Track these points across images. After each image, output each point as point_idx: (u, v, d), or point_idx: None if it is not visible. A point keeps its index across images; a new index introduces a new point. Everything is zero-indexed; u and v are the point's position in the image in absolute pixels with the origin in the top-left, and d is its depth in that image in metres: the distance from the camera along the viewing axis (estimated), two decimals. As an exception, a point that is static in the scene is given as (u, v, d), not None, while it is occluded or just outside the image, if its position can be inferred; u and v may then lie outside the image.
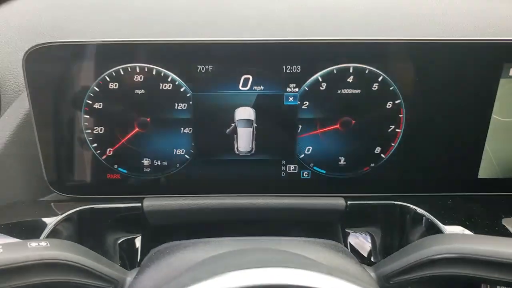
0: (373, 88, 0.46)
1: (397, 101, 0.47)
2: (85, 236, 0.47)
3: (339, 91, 0.47)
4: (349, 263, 0.39)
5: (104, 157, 0.48)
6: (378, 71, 0.46)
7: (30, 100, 0.45)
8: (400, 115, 0.47)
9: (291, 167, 0.49)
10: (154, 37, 0.44)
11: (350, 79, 0.46)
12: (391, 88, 0.46)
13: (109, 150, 0.48)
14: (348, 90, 0.46)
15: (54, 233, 0.44)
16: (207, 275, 0.27)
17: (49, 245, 0.33)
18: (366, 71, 0.46)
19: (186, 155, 0.48)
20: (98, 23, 0.52)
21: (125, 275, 0.38)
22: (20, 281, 0.31)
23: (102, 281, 0.35)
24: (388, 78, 0.46)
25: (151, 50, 0.45)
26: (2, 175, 0.47)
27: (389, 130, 0.48)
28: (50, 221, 0.44)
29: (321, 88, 0.46)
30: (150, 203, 0.48)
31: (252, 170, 0.49)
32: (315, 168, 0.49)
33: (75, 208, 0.46)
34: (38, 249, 0.33)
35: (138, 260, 0.51)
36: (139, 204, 0.48)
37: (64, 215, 0.45)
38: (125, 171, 0.49)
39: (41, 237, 0.43)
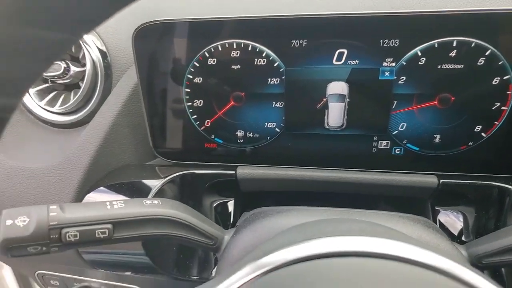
0: (478, 63, 0.43)
1: (505, 77, 0.43)
2: (185, 197, 0.52)
3: (439, 66, 0.44)
4: (440, 240, 0.39)
5: (202, 128, 0.51)
6: (486, 44, 0.42)
7: (138, 74, 0.49)
8: (508, 92, 0.44)
9: (383, 143, 0.49)
10: (250, 14, 0.45)
11: (453, 54, 0.43)
12: (499, 63, 0.43)
13: (207, 122, 0.51)
14: (450, 65, 0.44)
15: (160, 193, 0.49)
16: (302, 238, 0.28)
17: (160, 203, 0.38)
18: (472, 45, 0.43)
19: (276, 129, 0.50)
20: (199, 2, 0.54)
21: (223, 233, 0.41)
22: (136, 232, 0.36)
23: (204, 237, 0.39)
24: (498, 52, 0.42)
25: (247, 27, 0.46)
26: (114, 142, 0.53)
27: (493, 108, 0.45)
28: (156, 183, 0.49)
29: (419, 63, 0.44)
30: (243, 171, 0.51)
31: (342, 145, 0.50)
32: (408, 145, 0.48)
33: (177, 172, 0.51)
34: (152, 206, 0.37)
35: (231, 222, 0.55)
36: (233, 172, 0.51)
37: (169, 177, 0.50)
38: (221, 141, 0.52)
39: (149, 196, 0.48)
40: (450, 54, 0.43)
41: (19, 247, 0.32)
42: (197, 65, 0.48)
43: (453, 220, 0.52)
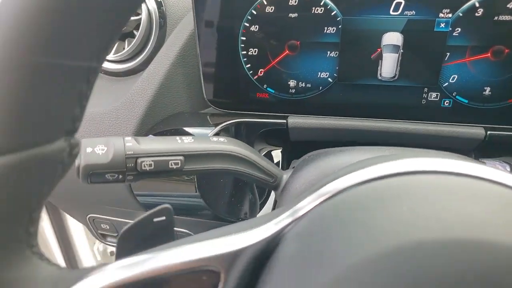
0: (535, 15, 0.44)
1: (561, 29, 0.44)
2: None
3: (495, 18, 0.45)
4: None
5: (255, 77, 0.53)
6: (545, -5, 0.43)
7: (195, 22, 0.50)
8: (562, 45, 0.45)
9: (433, 95, 0.50)
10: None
11: (510, 5, 0.44)
12: (557, 15, 0.44)
13: (260, 71, 0.52)
14: (507, 16, 0.45)
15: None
16: (364, 165, 0.26)
17: (226, 141, 0.40)
18: (531, -4, 0.44)
19: (329, 79, 0.51)
20: None
21: (281, 173, 0.43)
22: (204, 166, 0.38)
23: (264, 174, 0.41)
24: (556, 4, 0.43)
25: (308, -26, 0.47)
26: (169, 90, 0.54)
27: (546, 61, 0.46)
28: (208, 131, 0.51)
29: (476, 14, 0.45)
30: (294, 120, 0.53)
31: (393, 96, 0.51)
32: (457, 97, 0.50)
33: (229, 120, 0.53)
34: (219, 142, 0.39)
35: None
36: (284, 121, 0.53)
37: (220, 126, 0.52)
38: (273, 91, 0.53)
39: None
40: (508, 5, 0.44)
41: (98, 174, 0.34)
42: (255, 13, 0.49)
43: (499, 169, 0.53)
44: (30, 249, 0.24)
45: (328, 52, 0.50)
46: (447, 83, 0.49)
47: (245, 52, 0.52)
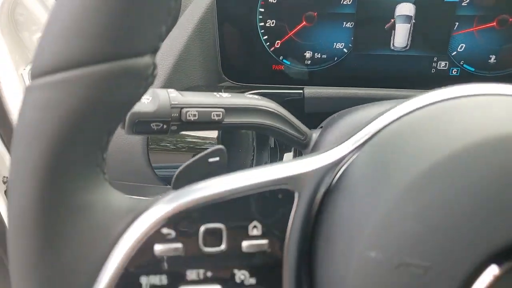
0: (537, -15, 0.48)
1: (560, -1, 0.48)
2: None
3: (501, -12, 0.48)
4: None
5: (272, 49, 0.54)
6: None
7: (213, -5, 0.51)
8: (561, 13, 0.49)
9: (442, 64, 0.53)
10: None
11: (515, -24, 0.48)
12: (557, -15, 0.47)
13: (277, 43, 0.54)
14: (511, -13, 0.48)
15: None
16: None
17: (260, 97, 0.41)
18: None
19: (344, 49, 0.53)
20: None
21: (310, 131, 0.44)
22: (243, 120, 0.39)
23: (297, 132, 0.42)
24: (556, -26, 0.47)
25: None
26: (186, 63, 0.55)
27: (547, 29, 0.49)
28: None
29: (483, -15, 0.49)
30: (311, 90, 0.54)
31: (404, 66, 0.53)
32: (465, 66, 0.53)
33: (247, 92, 0.54)
34: (255, 99, 0.40)
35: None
36: (301, 91, 0.54)
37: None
38: (288, 63, 0.55)
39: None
40: (512, -24, 0.48)
41: (143, 122, 0.34)
42: (274, -15, 0.51)
43: None
44: (103, 175, 0.24)
45: (344, 23, 0.52)
46: (455, 52, 0.52)
47: (262, 24, 0.53)
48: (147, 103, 0.34)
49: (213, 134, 0.52)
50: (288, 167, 0.25)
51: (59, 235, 0.21)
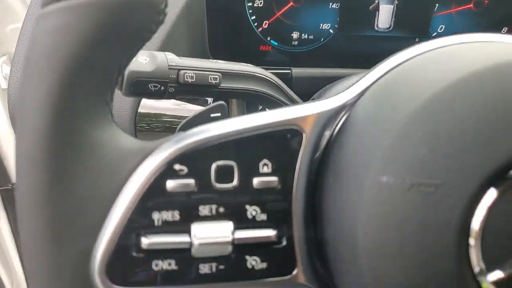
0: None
1: (531, -19, 0.51)
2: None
3: (477, -29, 0.51)
4: None
5: (260, 29, 0.55)
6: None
7: (201, -26, 0.52)
8: (531, -5, 0.52)
9: (423, 44, 0.55)
10: None
11: (489, -41, 0.50)
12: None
13: (265, 23, 0.55)
14: (486, -30, 0.51)
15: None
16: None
17: (256, 66, 0.42)
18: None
19: (330, 30, 0.55)
20: None
21: (302, 102, 0.45)
22: (238, 85, 0.39)
23: (290, 101, 0.43)
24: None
25: None
26: (173, 44, 0.55)
27: (519, 10, 0.53)
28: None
29: (461, -33, 0.51)
30: (298, 70, 0.55)
31: (388, 46, 0.55)
32: (444, 46, 0.55)
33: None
34: (250, 66, 0.41)
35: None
36: (289, 71, 0.55)
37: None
38: (276, 44, 0.56)
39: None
40: (487, -40, 0.50)
41: (141, 82, 0.34)
42: (262, -36, 0.52)
43: None
44: (112, 117, 0.24)
45: (330, 3, 0.53)
46: (436, 33, 0.54)
47: (250, 4, 0.53)
48: (144, 63, 0.34)
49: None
50: (297, 109, 0.25)
51: (70, 170, 0.21)
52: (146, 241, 0.22)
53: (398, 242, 0.20)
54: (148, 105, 0.52)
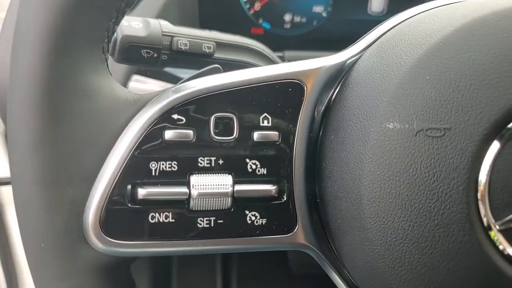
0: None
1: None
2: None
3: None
4: None
5: (251, 11, 0.54)
6: None
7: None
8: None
9: (415, 30, 0.55)
10: None
11: None
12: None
13: (257, 5, 0.54)
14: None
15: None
16: None
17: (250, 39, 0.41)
18: None
19: (323, 13, 0.55)
20: None
21: None
22: (231, 56, 0.38)
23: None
24: None
25: None
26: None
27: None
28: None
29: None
30: (291, 54, 0.55)
31: (380, 31, 0.55)
32: (435, 31, 0.55)
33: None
34: (245, 38, 0.40)
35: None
36: (281, 54, 0.55)
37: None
38: (268, 26, 0.55)
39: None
40: None
41: (135, 47, 0.33)
42: None
43: None
44: (107, 67, 0.23)
45: (323, -14, 0.53)
46: (427, 19, 0.55)
47: (243, -15, 0.53)
48: (138, 28, 0.33)
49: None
50: (299, 64, 0.25)
51: (64, 113, 0.20)
52: (142, 191, 0.21)
53: (405, 189, 0.19)
54: (139, 88, 0.50)
